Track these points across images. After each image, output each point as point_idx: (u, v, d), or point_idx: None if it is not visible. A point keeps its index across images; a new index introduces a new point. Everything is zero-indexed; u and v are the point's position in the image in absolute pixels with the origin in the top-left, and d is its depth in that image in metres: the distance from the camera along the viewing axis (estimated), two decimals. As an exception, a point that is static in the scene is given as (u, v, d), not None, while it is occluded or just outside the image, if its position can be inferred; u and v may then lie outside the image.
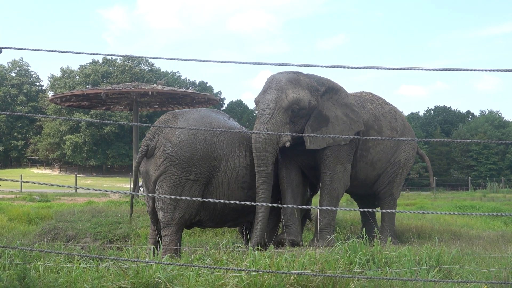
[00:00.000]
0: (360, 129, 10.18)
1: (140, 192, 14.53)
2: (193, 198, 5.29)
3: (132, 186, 9.55)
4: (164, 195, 8.60)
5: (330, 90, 10.14)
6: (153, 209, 8.99)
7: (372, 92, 11.48)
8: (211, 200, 5.42)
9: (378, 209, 11.45)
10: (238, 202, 4.93)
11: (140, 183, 10.25)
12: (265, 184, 9.10)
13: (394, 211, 5.93)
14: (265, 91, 9.71)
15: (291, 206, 5.37)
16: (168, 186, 8.69)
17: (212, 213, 9.21)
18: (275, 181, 9.72)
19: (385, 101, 11.36)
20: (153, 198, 8.92)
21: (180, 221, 8.78)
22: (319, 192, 11.04)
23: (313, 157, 10.06)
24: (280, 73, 9.90)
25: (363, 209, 7.24)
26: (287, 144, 9.24)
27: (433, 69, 4.47)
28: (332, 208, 8.87)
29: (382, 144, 10.66)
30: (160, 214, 8.80)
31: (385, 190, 11.11)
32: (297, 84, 9.64)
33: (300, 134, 5.65)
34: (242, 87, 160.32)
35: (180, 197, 7.15)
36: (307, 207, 5.33)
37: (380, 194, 11.18)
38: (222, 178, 9.02)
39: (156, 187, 8.79)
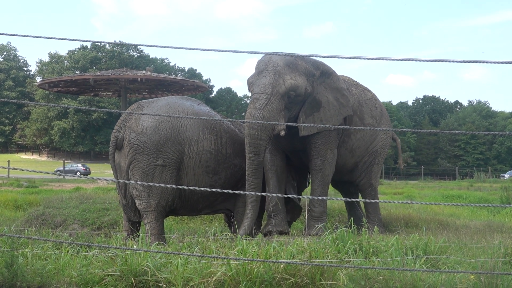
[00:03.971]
0: (348, 114, 9.96)
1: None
2: (170, 186, 5.26)
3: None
4: (137, 182, 8.67)
5: (324, 74, 9.77)
6: (124, 198, 9.10)
7: (351, 77, 11.28)
8: (198, 188, 5.40)
9: (370, 199, 11.41)
10: (232, 191, 4.91)
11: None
12: (256, 172, 8.95)
13: (380, 201, 5.95)
14: (260, 73, 9.20)
15: (287, 195, 5.38)
16: (138, 174, 8.79)
17: (183, 200, 9.23)
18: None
19: (367, 88, 11.24)
20: (124, 189, 9.01)
21: (158, 208, 8.81)
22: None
23: (301, 141, 9.79)
24: (276, 54, 9.28)
25: (355, 199, 7.19)
26: (282, 133, 8.83)
27: (422, 60, 4.48)
28: (324, 198, 8.68)
29: (362, 131, 10.45)
30: (136, 202, 8.89)
31: (364, 181, 11.04)
32: (295, 69, 9.19)
33: (293, 124, 5.63)
34: (230, 74, 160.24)
35: (148, 183, 7.13)
36: (298, 196, 5.33)
37: (360, 185, 11.13)
38: (187, 163, 9.02)
39: (129, 176, 8.87)
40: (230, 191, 5.78)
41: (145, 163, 8.76)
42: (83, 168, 50.30)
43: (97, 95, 29.98)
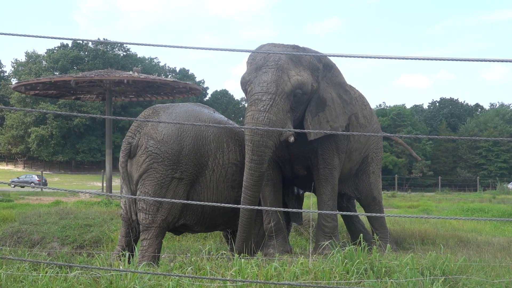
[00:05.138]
0: (353, 112, 9.75)
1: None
2: (184, 201, 5.26)
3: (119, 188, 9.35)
4: (146, 197, 8.53)
5: (326, 67, 9.45)
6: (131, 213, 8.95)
7: None
8: (197, 202, 5.41)
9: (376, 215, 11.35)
10: (225, 204, 4.92)
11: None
12: (256, 185, 8.62)
13: (393, 215, 5.92)
14: (259, 68, 8.71)
15: (293, 210, 5.36)
16: (152, 185, 8.67)
17: (200, 216, 9.13)
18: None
19: (352, 86, 10.98)
20: (135, 200, 8.86)
21: (162, 224, 8.74)
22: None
23: (301, 148, 9.52)
24: (274, 46, 9.05)
25: (367, 214, 7.15)
26: (291, 139, 8.49)
27: (438, 59, 4.47)
28: (334, 212, 8.47)
29: (358, 132, 10.02)
30: (140, 216, 8.75)
31: (365, 195, 10.91)
32: (299, 63, 8.81)
33: (299, 130, 5.60)
34: (226, 75, 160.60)
35: (164, 199, 7.10)
36: (306, 211, 5.30)
37: (362, 200, 11.01)
38: (210, 177, 8.96)
39: (138, 186, 8.77)
40: (234, 205, 5.76)
41: (162, 174, 8.67)
42: (37, 179, 49.89)
43: (79, 99, 29.96)
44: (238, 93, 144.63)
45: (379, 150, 11.20)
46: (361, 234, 8.76)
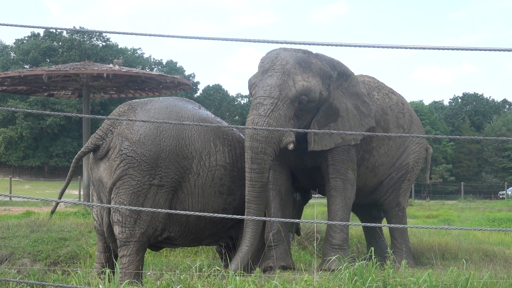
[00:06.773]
0: (371, 125, 9.96)
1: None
2: (162, 210, 5.26)
3: (64, 186, 9.22)
4: (122, 206, 8.47)
5: (341, 75, 9.78)
6: (108, 226, 8.86)
7: (375, 77, 11.33)
8: (183, 212, 5.40)
9: (396, 223, 11.41)
10: (219, 215, 4.90)
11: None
12: (259, 197, 8.83)
13: (409, 226, 5.94)
14: (265, 72, 9.18)
15: (301, 221, 5.37)
16: (127, 194, 8.56)
17: (185, 228, 9.07)
18: None
19: (392, 89, 11.31)
20: (108, 211, 8.78)
21: (142, 238, 8.66)
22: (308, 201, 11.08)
23: (313, 157, 9.82)
24: (285, 50, 9.37)
25: (383, 225, 7.16)
26: (291, 146, 8.78)
27: (460, 49, 4.49)
28: (346, 223, 8.59)
29: (387, 145, 10.55)
30: (116, 229, 8.65)
31: (390, 200, 11.08)
32: (308, 68, 9.18)
33: (304, 130, 5.62)
34: (219, 67, 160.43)
35: (143, 208, 7.06)
36: (311, 221, 5.32)
37: (385, 204, 11.18)
38: (195, 182, 8.87)
39: (112, 196, 8.66)
40: (233, 216, 5.78)
41: (138, 181, 8.55)
42: None
43: (52, 95, 29.93)
44: (232, 88, 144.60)
45: (421, 160, 11.46)
46: (372, 248, 8.81)
